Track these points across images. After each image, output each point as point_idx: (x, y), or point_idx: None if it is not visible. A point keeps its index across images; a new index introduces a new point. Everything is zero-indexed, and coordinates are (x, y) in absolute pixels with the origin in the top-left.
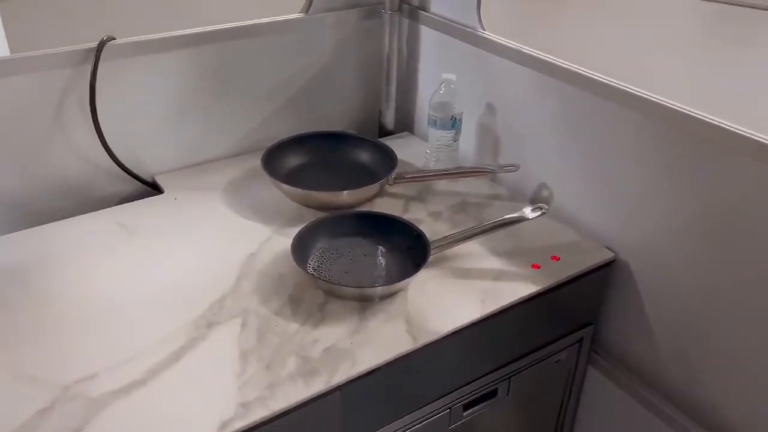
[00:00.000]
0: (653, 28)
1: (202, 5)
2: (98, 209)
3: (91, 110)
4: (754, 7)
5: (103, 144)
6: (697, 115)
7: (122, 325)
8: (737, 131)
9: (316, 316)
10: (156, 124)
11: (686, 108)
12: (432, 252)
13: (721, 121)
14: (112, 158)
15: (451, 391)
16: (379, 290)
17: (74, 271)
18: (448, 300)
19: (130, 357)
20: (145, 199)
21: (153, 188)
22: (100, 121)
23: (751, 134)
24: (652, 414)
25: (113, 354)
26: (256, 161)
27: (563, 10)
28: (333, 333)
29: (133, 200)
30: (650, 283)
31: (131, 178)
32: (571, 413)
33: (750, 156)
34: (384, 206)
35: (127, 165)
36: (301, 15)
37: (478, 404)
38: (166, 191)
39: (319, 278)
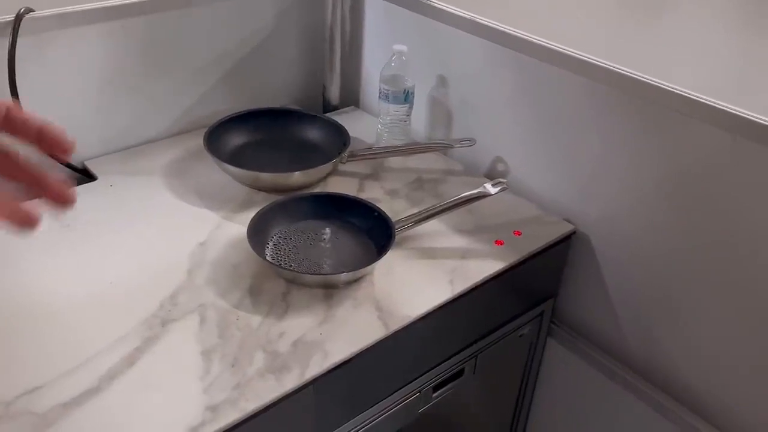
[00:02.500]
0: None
1: None
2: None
3: (11, 91)
4: None
5: None
6: (654, 83)
7: (65, 329)
8: (694, 97)
9: (280, 306)
10: (85, 104)
11: (641, 74)
12: (395, 233)
13: (674, 86)
14: None
15: (422, 374)
16: (345, 276)
17: (3, 272)
18: (416, 282)
19: (78, 364)
20: (78, 188)
21: (84, 175)
22: (21, 103)
23: (707, 100)
24: (612, 381)
25: (58, 362)
26: (196, 141)
27: None
28: (300, 324)
29: None
30: (610, 254)
31: (60, 164)
32: (532, 384)
33: (707, 121)
34: (338, 185)
35: None
36: None
37: (447, 384)
38: (99, 177)
39: (281, 267)
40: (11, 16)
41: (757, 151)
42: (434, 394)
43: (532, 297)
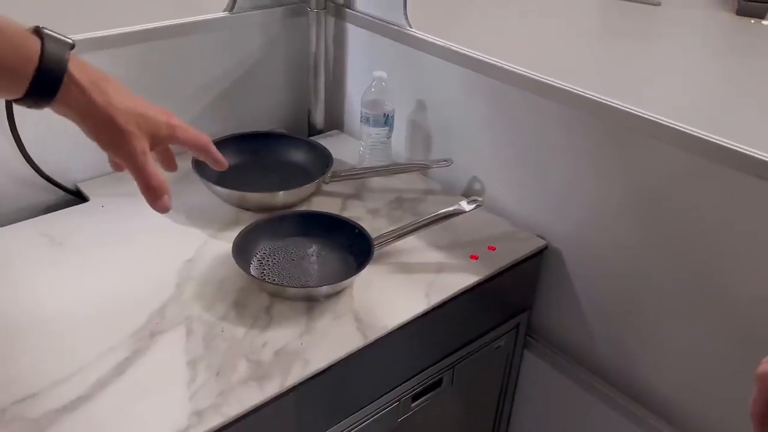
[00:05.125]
0: (548, 21)
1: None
2: (18, 221)
3: (8, 116)
4: (641, 2)
5: (21, 151)
6: (619, 106)
7: (57, 341)
8: (657, 120)
9: (263, 319)
10: (77, 128)
11: (608, 99)
12: (374, 249)
13: (641, 111)
14: (31, 166)
15: (400, 384)
16: (325, 289)
17: (0, 287)
18: (393, 295)
19: (71, 373)
20: (71, 208)
21: (77, 197)
22: (17, 126)
23: (668, 123)
24: (587, 393)
25: (52, 372)
26: (185, 164)
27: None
28: (282, 335)
29: (56, 210)
30: (581, 268)
31: (53, 186)
32: (510, 396)
33: (670, 143)
34: (321, 205)
35: (47, 173)
36: (225, 14)
37: (425, 395)
38: (91, 199)
39: (264, 281)
40: None
41: (714, 170)
42: (413, 404)
43: (506, 309)
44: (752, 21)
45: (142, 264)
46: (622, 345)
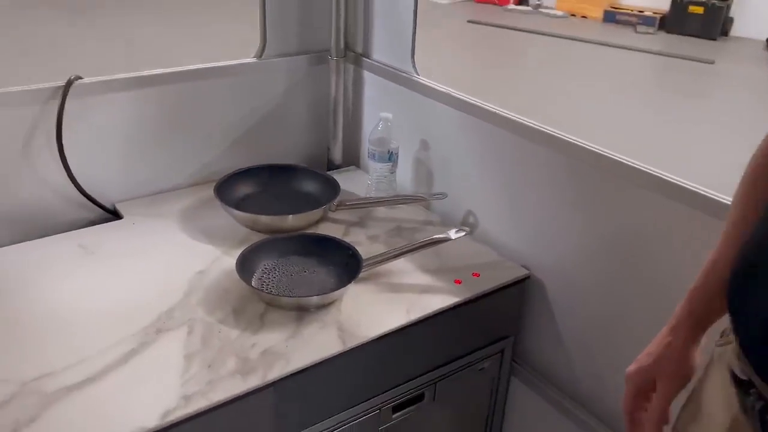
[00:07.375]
0: (603, 80)
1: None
2: (61, 233)
3: (58, 144)
4: (695, 60)
5: (68, 174)
6: (599, 151)
7: (78, 332)
8: (634, 165)
9: (257, 324)
10: (118, 156)
11: (590, 144)
12: (365, 267)
13: (621, 156)
14: (76, 187)
15: (380, 393)
16: (315, 300)
17: (30, 287)
18: (377, 310)
19: (84, 358)
20: (105, 224)
21: (114, 215)
22: (66, 153)
23: (645, 168)
24: (569, 420)
25: (69, 356)
26: (210, 192)
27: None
28: (271, 338)
29: (93, 225)
30: (563, 300)
31: (94, 205)
32: (498, 422)
33: (647, 188)
34: (327, 230)
35: (89, 192)
36: (254, 60)
37: (406, 407)
38: (125, 217)
39: (260, 290)
40: (62, 82)
41: (687, 213)
42: (394, 415)
43: (489, 333)
44: None
45: (159, 273)
46: (602, 377)
